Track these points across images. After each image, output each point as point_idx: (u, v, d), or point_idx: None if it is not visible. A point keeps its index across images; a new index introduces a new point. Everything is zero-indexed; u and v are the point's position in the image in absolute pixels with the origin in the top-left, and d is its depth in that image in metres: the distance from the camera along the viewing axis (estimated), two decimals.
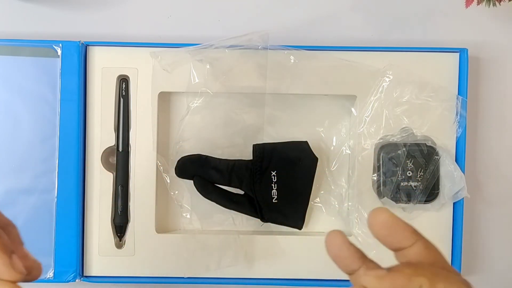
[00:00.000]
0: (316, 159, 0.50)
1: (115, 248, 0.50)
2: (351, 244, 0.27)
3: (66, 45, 0.49)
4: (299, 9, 0.53)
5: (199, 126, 0.51)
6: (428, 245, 0.27)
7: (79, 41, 0.49)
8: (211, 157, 0.50)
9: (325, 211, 0.52)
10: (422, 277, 0.24)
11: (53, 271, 0.49)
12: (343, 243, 0.27)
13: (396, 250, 0.28)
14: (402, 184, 0.49)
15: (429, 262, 0.27)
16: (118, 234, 0.50)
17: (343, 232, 0.28)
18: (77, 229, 0.49)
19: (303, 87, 0.50)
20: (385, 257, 0.28)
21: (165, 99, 0.51)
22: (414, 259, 0.27)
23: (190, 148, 0.51)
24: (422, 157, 0.49)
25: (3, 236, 0.28)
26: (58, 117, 0.49)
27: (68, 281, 0.49)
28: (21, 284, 0.27)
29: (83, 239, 0.50)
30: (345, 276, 0.28)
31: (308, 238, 0.50)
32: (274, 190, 0.49)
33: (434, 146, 0.49)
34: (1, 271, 0.26)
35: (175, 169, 0.50)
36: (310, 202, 0.51)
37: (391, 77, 0.49)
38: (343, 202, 0.51)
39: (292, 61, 0.49)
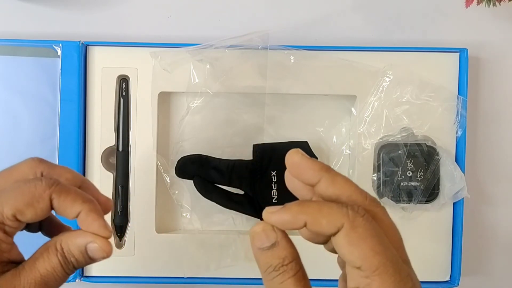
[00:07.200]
0: (316, 159, 0.50)
1: (115, 248, 0.50)
2: (311, 158, 0.29)
3: (66, 45, 0.49)
4: (299, 9, 0.53)
5: (199, 126, 0.51)
6: (335, 179, 0.28)
7: (79, 41, 0.49)
8: (211, 157, 0.50)
9: None
10: (305, 214, 0.26)
11: None
12: (302, 155, 0.29)
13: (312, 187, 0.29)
14: (402, 184, 0.49)
15: (334, 197, 0.28)
16: (118, 234, 0.50)
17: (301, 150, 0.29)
18: (77, 229, 0.49)
19: (303, 87, 0.50)
20: None
21: (165, 99, 0.51)
22: (324, 194, 0.28)
23: (190, 148, 0.51)
24: (422, 157, 0.49)
25: (93, 201, 0.32)
26: (58, 117, 0.49)
27: (68, 281, 0.49)
28: None
29: None
30: None
31: None
32: (274, 190, 0.49)
33: (434, 146, 0.49)
34: (100, 232, 0.31)
35: (175, 169, 0.50)
36: None
37: (391, 77, 0.49)
38: None
39: (292, 61, 0.49)
